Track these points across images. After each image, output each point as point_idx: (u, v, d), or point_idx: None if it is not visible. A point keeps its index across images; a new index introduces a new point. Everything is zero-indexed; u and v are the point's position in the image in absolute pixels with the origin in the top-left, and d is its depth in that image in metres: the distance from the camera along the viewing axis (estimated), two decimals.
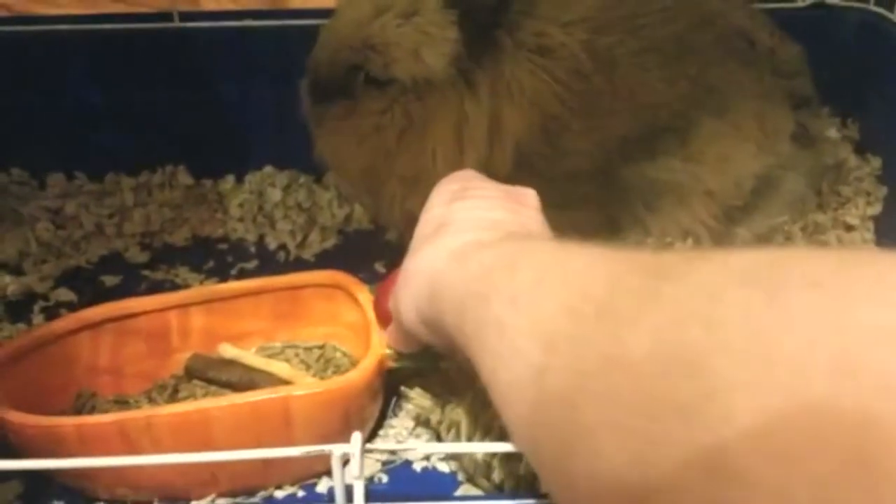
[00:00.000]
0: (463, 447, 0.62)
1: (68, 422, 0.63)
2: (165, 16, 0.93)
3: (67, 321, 0.71)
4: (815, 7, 0.94)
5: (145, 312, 0.73)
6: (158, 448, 0.60)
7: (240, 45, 0.95)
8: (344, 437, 0.45)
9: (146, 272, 0.88)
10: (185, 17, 0.93)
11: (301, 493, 0.65)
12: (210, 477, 0.63)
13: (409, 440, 0.67)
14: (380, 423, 0.69)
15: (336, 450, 0.41)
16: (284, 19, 0.96)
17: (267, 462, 0.62)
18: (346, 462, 0.44)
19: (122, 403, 0.71)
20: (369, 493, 0.41)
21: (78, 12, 1.25)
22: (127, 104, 0.95)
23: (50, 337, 0.70)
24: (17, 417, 0.61)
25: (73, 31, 0.94)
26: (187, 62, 0.94)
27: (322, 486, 0.65)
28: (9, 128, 0.95)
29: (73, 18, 0.96)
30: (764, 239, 0.85)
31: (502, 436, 0.60)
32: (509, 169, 0.74)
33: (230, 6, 1.41)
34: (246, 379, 0.70)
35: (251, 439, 0.61)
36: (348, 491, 0.43)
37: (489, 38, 0.72)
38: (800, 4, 0.95)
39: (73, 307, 0.83)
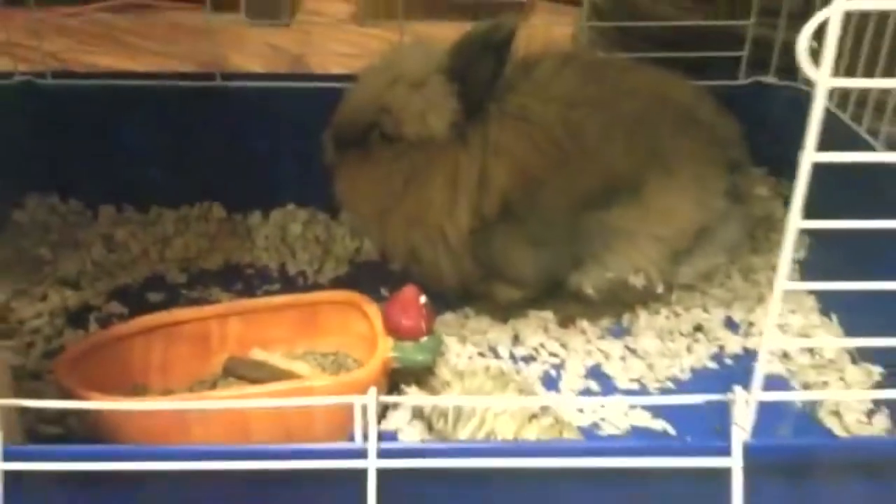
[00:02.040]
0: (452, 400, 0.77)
1: (138, 403, 0.77)
2: (209, 75, 1.11)
3: (128, 326, 0.86)
4: (753, 85, 1.13)
5: (191, 321, 0.88)
6: (207, 423, 0.75)
7: (269, 102, 1.12)
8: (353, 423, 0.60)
9: (184, 291, 1.03)
10: (226, 77, 1.11)
11: None
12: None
13: (406, 429, 0.82)
14: (382, 415, 0.84)
15: (357, 401, 0.57)
16: (306, 82, 1.14)
17: (291, 434, 0.76)
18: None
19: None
20: (381, 436, 0.57)
21: (119, 64, 1.42)
22: (171, 148, 1.12)
23: (113, 338, 0.85)
24: (97, 397, 0.75)
25: (127, 86, 1.11)
26: (224, 114, 1.11)
27: None
28: (68, 166, 1.12)
29: (129, 75, 1.13)
30: (706, 277, 1.02)
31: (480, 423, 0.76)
32: (496, 214, 0.90)
33: (257, 68, 1.59)
34: (273, 377, 0.86)
35: (280, 420, 0.76)
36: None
37: (481, 107, 0.88)
38: (741, 82, 1.13)
39: (122, 318, 0.97)
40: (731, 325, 0.99)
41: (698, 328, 0.98)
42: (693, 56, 1.09)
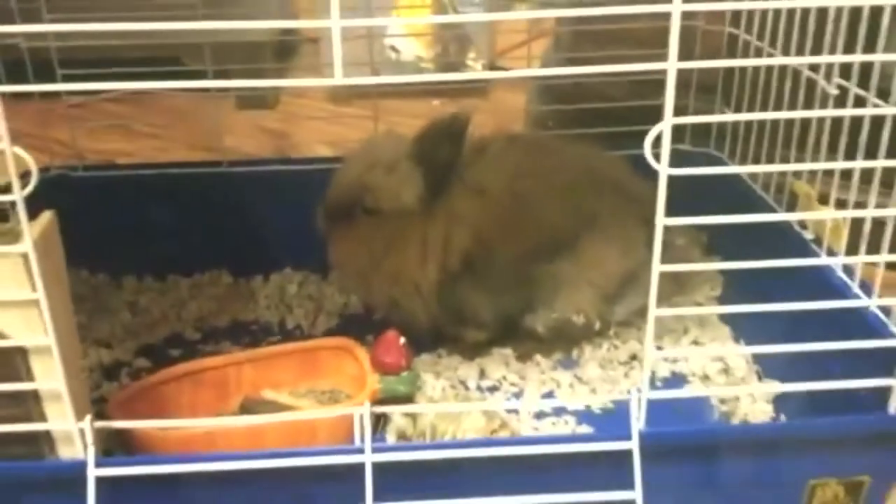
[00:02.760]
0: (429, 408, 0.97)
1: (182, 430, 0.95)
2: (216, 162, 1.31)
3: (162, 374, 1.04)
4: (671, 152, 1.34)
5: (213, 368, 1.07)
6: (232, 447, 0.92)
7: (267, 183, 1.31)
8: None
9: (200, 347, 1.21)
10: (231, 163, 1.31)
11: None
12: None
13: None
14: (373, 434, 1.01)
15: (356, 411, 0.76)
16: (296, 165, 1.34)
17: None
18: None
19: None
20: (374, 439, 0.76)
21: (124, 147, 1.59)
22: (184, 225, 1.30)
23: (151, 385, 1.02)
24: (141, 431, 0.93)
25: (146, 175, 1.30)
26: (230, 194, 1.30)
27: None
28: (95, 244, 1.29)
29: (147, 166, 1.33)
30: (639, 314, 1.21)
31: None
32: (459, 269, 1.10)
33: (248, 147, 1.79)
34: (281, 413, 1.04)
35: (290, 443, 0.94)
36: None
37: (444, 183, 1.08)
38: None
39: (149, 371, 1.13)
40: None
41: (634, 357, 1.17)
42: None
